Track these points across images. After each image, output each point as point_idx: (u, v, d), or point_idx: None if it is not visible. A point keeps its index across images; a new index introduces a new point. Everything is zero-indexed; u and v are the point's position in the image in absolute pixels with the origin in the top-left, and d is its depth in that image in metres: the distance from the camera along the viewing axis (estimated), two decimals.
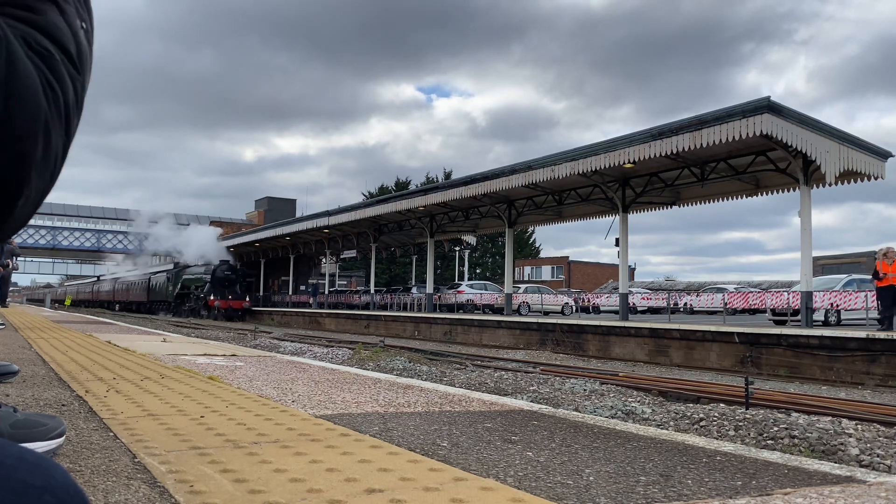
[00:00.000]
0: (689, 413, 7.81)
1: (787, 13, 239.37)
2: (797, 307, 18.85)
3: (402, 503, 1.87)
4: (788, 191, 20.66)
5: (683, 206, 24.69)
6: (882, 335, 14.46)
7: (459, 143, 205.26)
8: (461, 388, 5.72)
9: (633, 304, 29.31)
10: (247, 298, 48.85)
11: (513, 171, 24.20)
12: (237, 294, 48.11)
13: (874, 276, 16.28)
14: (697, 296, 30.46)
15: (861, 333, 15.00)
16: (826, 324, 19.27)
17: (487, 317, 28.72)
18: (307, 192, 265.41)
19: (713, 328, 18.29)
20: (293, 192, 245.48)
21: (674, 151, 18.37)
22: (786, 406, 9.12)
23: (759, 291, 28.63)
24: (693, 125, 17.74)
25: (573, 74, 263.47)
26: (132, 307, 63.79)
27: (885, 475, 2.37)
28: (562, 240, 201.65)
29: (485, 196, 26.56)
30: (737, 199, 22.99)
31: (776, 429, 6.83)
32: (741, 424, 7.15)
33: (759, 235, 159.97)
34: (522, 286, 37.64)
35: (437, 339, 27.39)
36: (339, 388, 4.48)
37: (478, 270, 67.76)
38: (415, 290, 38.25)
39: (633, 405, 8.70)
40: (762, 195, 22.17)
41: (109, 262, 79.73)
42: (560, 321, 24.04)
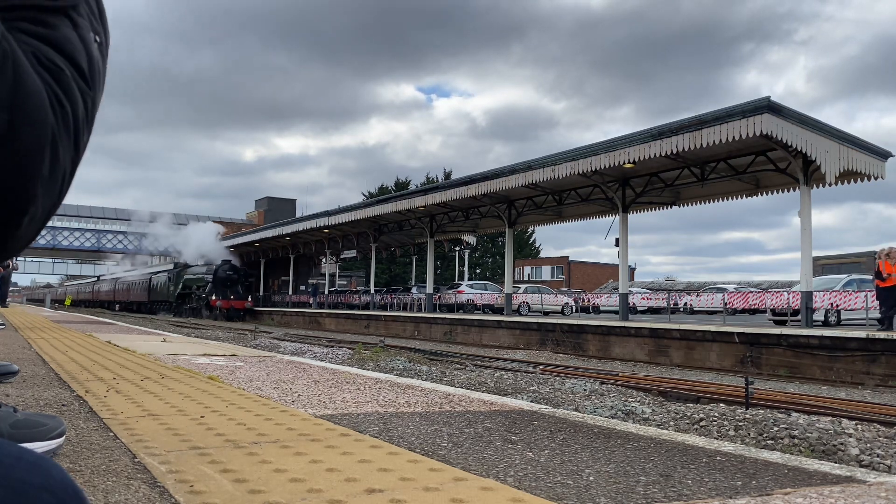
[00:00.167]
0: (689, 413, 7.81)
1: (787, 13, 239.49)
2: (797, 307, 18.85)
3: (402, 503, 1.87)
4: (788, 191, 20.66)
5: (683, 206, 24.70)
6: (882, 335, 14.46)
7: (459, 144, 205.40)
8: (461, 388, 5.72)
9: (633, 304, 29.30)
10: (249, 298, 48.52)
11: (513, 171, 24.20)
12: (239, 294, 47.71)
13: (877, 277, 16.19)
14: (697, 296, 30.46)
15: (861, 333, 15.00)
16: (826, 324, 19.27)
17: (487, 317, 28.72)
18: (307, 192, 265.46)
19: (713, 328, 18.29)
20: (293, 192, 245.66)
21: (674, 151, 18.37)
22: (786, 406, 9.12)
23: (759, 291, 28.62)
24: (693, 125, 17.74)
25: (573, 74, 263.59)
26: (133, 307, 63.73)
27: (885, 475, 2.37)
28: (562, 240, 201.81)
29: (485, 196, 26.57)
30: (737, 199, 23.00)
31: (776, 429, 6.83)
32: (741, 424, 7.15)
33: (759, 235, 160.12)
34: (522, 286, 37.64)
35: (437, 339, 27.39)
36: (339, 388, 4.47)
37: (478, 270, 67.77)
38: (415, 290, 38.24)
39: (633, 405, 8.70)
40: (762, 195, 22.18)
41: (109, 262, 79.71)
42: (560, 321, 24.04)
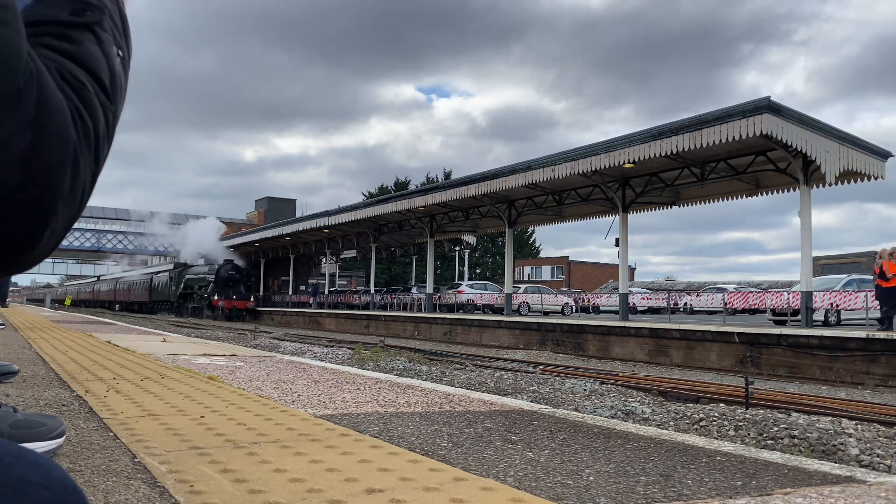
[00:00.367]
0: (689, 413, 7.81)
1: (787, 14, 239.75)
2: (797, 307, 18.84)
3: (402, 503, 1.86)
4: (788, 191, 20.65)
5: (683, 206, 24.70)
6: (882, 335, 14.46)
7: (459, 144, 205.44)
8: (461, 388, 5.72)
9: (633, 304, 29.30)
10: (251, 298, 48.18)
11: (513, 171, 24.20)
12: (241, 294, 47.31)
13: (879, 277, 16.09)
14: (697, 296, 30.45)
15: (861, 333, 15.00)
16: (826, 324, 19.26)
17: (487, 317, 28.72)
18: (307, 192, 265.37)
19: (713, 328, 18.29)
20: (293, 192, 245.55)
21: (674, 151, 18.37)
22: (786, 406, 9.12)
23: (759, 291, 28.62)
24: (693, 125, 17.74)
25: (573, 75, 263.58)
26: (134, 307, 63.65)
27: (885, 475, 2.37)
28: (562, 240, 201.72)
29: (485, 196, 26.56)
30: (737, 199, 23.01)
31: (776, 429, 6.83)
32: (741, 424, 7.15)
33: (759, 235, 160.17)
34: (522, 286, 37.63)
35: (437, 339, 27.38)
36: (339, 388, 4.47)
37: (478, 270, 67.76)
38: (415, 290, 38.22)
39: (633, 405, 8.70)
40: (762, 195, 22.18)
41: (109, 262, 79.66)
42: (560, 321, 24.04)
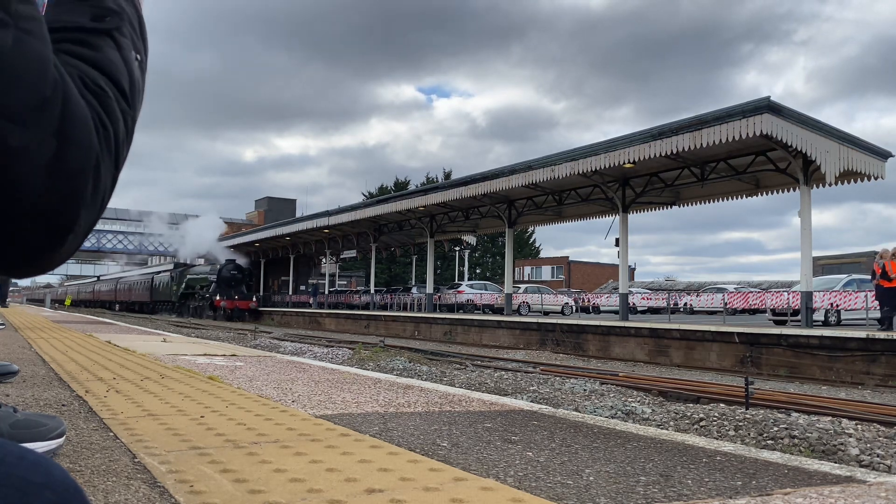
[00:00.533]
0: (689, 413, 7.81)
1: (786, 14, 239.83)
2: (797, 307, 18.84)
3: (402, 503, 1.87)
4: (788, 191, 20.66)
5: (683, 206, 24.70)
6: (882, 335, 14.46)
7: (459, 144, 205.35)
8: (461, 388, 5.72)
9: (633, 304, 29.29)
10: (253, 298, 47.80)
11: (513, 171, 24.20)
12: (244, 294, 46.96)
13: (882, 277, 15.96)
14: (697, 296, 30.45)
15: (861, 333, 15.00)
16: (826, 324, 19.26)
17: (487, 317, 28.72)
18: (307, 192, 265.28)
19: (713, 328, 18.29)
20: (293, 192, 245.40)
21: (674, 151, 18.37)
22: (786, 406, 9.12)
23: (759, 291, 28.62)
24: (693, 125, 17.74)
25: (573, 75, 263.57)
26: (135, 307, 63.57)
27: (885, 475, 2.37)
28: (562, 240, 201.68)
29: (485, 196, 26.56)
30: (737, 199, 23.02)
31: (776, 429, 6.83)
32: (741, 424, 7.15)
33: (759, 235, 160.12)
34: (522, 286, 37.64)
35: (437, 339, 27.39)
36: (339, 388, 4.47)
37: (478, 270, 67.75)
38: (415, 290, 38.22)
39: (633, 405, 8.70)
40: (762, 195, 22.18)
41: (109, 263, 79.65)
42: (560, 321, 24.04)
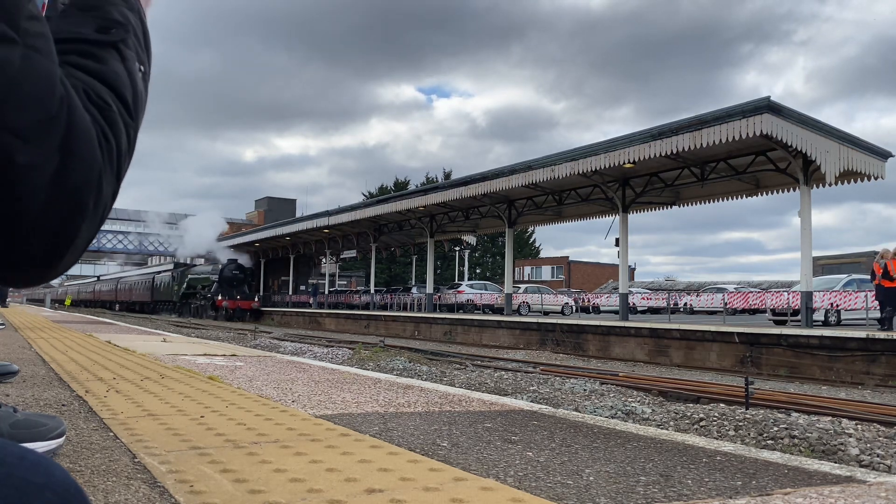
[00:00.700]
0: (689, 413, 7.81)
1: (786, 14, 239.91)
2: (797, 307, 18.85)
3: (402, 503, 1.87)
4: (788, 191, 20.66)
5: (683, 206, 24.71)
6: (882, 335, 14.46)
7: (459, 144, 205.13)
8: (461, 388, 5.72)
9: (633, 304, 29.30)
10: (256, 298, 47.54)
11: (513, 171, 24.20)
12: (246, 294, 46.68)
13: (883, 276, 15.94)
14: (697, 296, 30.46)
15: (861, 333, 15.00)
16: (826, 324, 19.26)
17: (487, 317, 28.72)
18: (307, 192, 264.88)
19: (713, 328, 18.29)
20: (293, 192, 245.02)
21: (674, 151, 18.37)
22: (786, 406, 9.12)
23: (759, 291, 28.62)
24: (693, 125, 17.74)
25: (573, 75, 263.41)
26: (135, 307, 63.53)
27: (885, 475, 2.37)
28: (562, 240, 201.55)
29: (485, 196, 26.57)
30: (737, 199, 23.03)
31: (776, 429, 6.83)
32: (741, 424, 7.15)
33: (759, 235, 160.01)
34: (522, 286, 37.64)
35: (437, 339, 27.39)
36: (339, 388, 4.47)
37: (478, 270, 67.76)
38: (415, 290, 38.21)
39: (633, 405, 8.70)
40: (762, 195, 22.19)
41: (110, 262, 79.65)
42: (560, 321, 24.04)
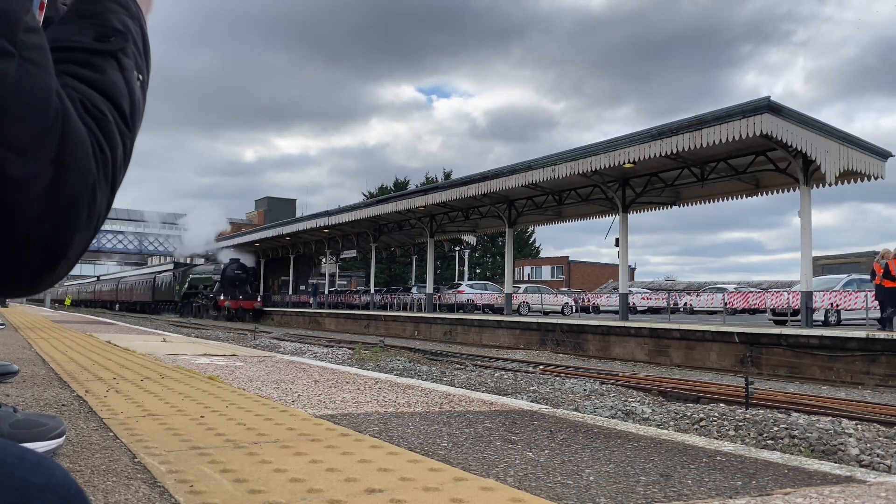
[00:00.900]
0: (689, 413, 7.81)
1: (786, 14, 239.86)
2: (797, 307, 18.84)
3: (402, 503, 1.87)
4: (788, 191, 20.66)
5: (683, 206, 24.71)
6: (882, 335, 14.46)
7: (459, 144, 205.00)
8: (461, 388, 5.72)
9: (633, 304, 29.30)
10: (258, 298, 47.27)
11: (513, 171, 24.20)
12: (248, 294, 46.40)
13: (885, 276, 15.90)
14: (697, 296, 30.46)
15: (861, 333, 15.00)
16: (826, 324, 19.26)
17: (487, 317, 28.72)
18: (307, 193, 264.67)
19: (713, 328, 18.29)
20: (293, 192, 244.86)
21: (674, 151, 18.37)
22: (786, 406, 9.12)
23: (759, 291, 28.62)
24: (693, 125, 17.75)
25: (573, 75, 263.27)
26: (136, 307, 63.44)
27: (885, 475, 2.37)
28: (562, 240, 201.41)
29: (485, 196, 26.57)
30: (737, 199, 23.05)
31: (776, 429, 6.83)
32: (741, 424, 7.15)
33: (759, 235, 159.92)
34: (522, 286, 37.63)
35: (437, 339, 27.39)
36: (339, 388, 4.47)
37: (478, 270, 67.75)
38: (415, 290, 38.20)
39: (633, 405, 8.70)
40: (762, 195, 22.20)
41: (109, 262, 79.66)
42: (560, 321, 24.04)
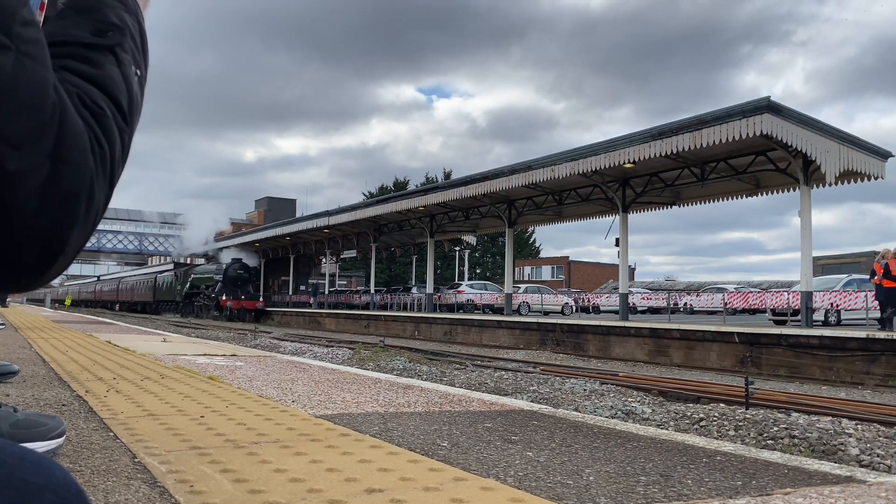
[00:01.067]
0: (689, 413, 7.81)
1: (786, 15, 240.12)
2: (797, 307, 18.84)
3: (403, 503, 1.87)
4: (788, 191, 20.66)
5: (683, 206, 24.70)
6: (882, 335, 14.46)
7: (459, 144, 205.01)
8: (461, 388, 5.72)
9: (633, 304, 29.30)
10: (260, 298, 46.96)
11: (513, 171, 24.19)
12: (250, 294, 46.08)
13: (885, 276, 15.89)
14: (697, 296, 30.44)
15: (861, 333, 15.00)
16: (826, 324, 19.26)
17: (487, 317, 28.71)
18: (307, 193, 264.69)
19: (713, 328, 18.29)
20: (293, 193, 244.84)
21: (674, 151, 18.37)
22: (786, 406, 9.12)
23: (759, 291, 28.61)
24: (693, 125, 17.74)
25: (573, 75, 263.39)
26: (137, 308, 63.35)
27: (885, 475, 2.37)
28: (562, 240, 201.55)
29: (485, 196, 26.57)
30: (737, 199, 23.03)
31: (776, 429, 6.83)
32: (741, 424, 7.15)
33: (759, 235, 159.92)
34: (522, 286, 37.63)
35: (437, 339, 27.38)
36: (339, 388, 4.47)
37: (478, 270, 67.73)
38: (415, 290, 38.19)
39: (633, 405, 8.70)
40: (762, 195, 22.19)
41: (109, 262, 79.69)
42: (560, 321, 24.04)
